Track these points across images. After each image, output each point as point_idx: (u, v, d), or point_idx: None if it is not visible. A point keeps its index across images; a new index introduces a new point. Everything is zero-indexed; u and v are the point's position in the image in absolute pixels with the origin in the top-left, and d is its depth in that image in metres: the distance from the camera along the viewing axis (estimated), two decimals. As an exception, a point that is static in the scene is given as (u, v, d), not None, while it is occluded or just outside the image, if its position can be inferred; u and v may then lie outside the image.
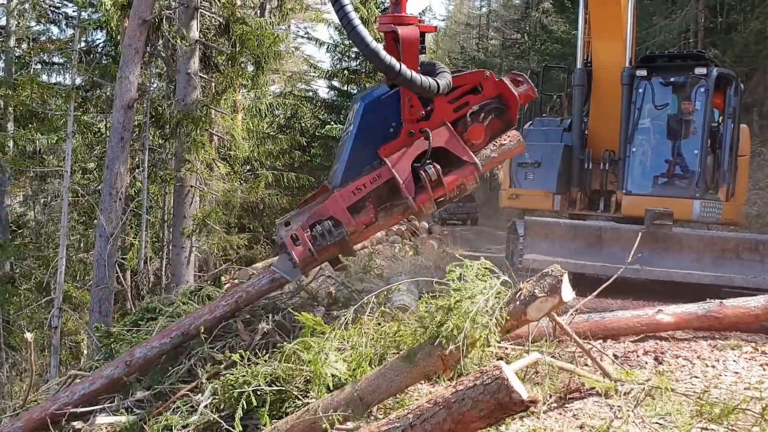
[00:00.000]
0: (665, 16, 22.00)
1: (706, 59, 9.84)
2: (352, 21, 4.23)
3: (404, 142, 4.78)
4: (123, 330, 6.11)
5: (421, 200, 4.80)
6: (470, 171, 4.82)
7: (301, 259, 4.82)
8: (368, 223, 4.92)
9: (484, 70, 4.96)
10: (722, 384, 4.39)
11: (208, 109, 14.27)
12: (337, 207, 4.82)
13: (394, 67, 4.30)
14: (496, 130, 5.05)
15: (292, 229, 4.86)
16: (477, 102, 4.88)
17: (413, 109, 4.75)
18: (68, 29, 20.67)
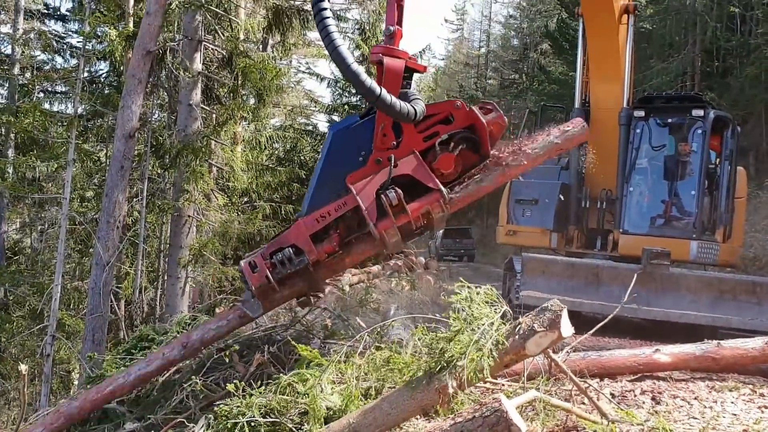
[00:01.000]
0: (663, 60, 22.33)
1: (704, 101, 9.95)
2: (334, 41, 4.28)
3: (372, 170, 4.71)
4: (116, 358, 6.06)
5: (383, 226, 4.61)
6: (435, 198, 4.65)
7: (257, 287, 4.71)
8: (331, 251, 4.81)
9: (456, 100, 4.90)
10: (720, 425, 4.35)
11: (208, 140, 14.35)
12: (299, 234, 4.75)
13: (375, 90, 4.33)
14: (469, 162, 4.93)
15: (252, 257, 4.80)
16: (447, 131, 4.80)
17: (386, 138, 4.70)
18: (72, 59, 20.90)
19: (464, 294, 4.00)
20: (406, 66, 4.70)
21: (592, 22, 10.01)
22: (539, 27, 41.03)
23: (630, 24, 9.91)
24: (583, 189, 10.28)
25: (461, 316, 3.87)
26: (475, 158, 4.91)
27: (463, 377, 3.61)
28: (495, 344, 3.71)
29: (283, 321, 6.73)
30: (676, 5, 22.28)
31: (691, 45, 22.32)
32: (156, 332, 6.48)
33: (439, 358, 3.72)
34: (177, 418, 4.58)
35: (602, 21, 9.76)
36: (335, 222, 4.81)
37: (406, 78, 4.76)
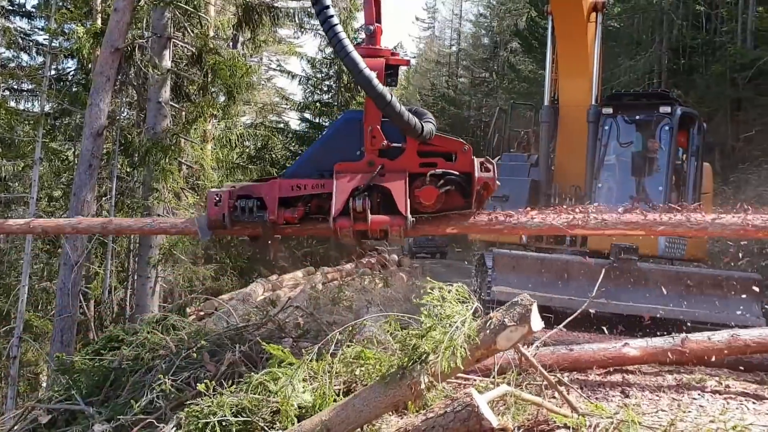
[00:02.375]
0: (630, 57, 22.61)
1: (671, 98, 10.08)
2: (346, 47, 4.29)
3: (362, 168, 4.75)
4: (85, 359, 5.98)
5: (340, 223, 4.65)
6: (398, 223, 4.66)
7: (212, 220, 4.84)
8: (290, 220, 4.85)
9: (464, 143, 4.88)
10: (688, 417, 4.42)
11: (177, 138, 14.21)
12: (271, 192, 4.83)
13: (385, 96, 4.35)
14: (453, 205, 4.91)
15: (221, 191, 4.89)
16: (444, 168, 4.80)
17: (375, 139, 4.72)
18: (39, 56, 20.52)
19: (436, 293, 4.01)
20: (389, 63, 4.73)
21: (561, 20, 10.09)
22: (509, 25, 41.32)
23: (598, 22, 10.00)
24: (553, 185, 10.37)
25: (433, 313, 3.88)
26: (459, 204, 4.90)
27: (435, 372, 3.63)
28: (467, 339, 3.73)
29: (254, 320, 6.69)
30: (643, 4, 22.58)
31: (658, 43, 22.63)
32: (126, 332, 6.40)
33: (411, 354, 3.73)
34: (147, 418, 4.53)
35: (571, 19, 9.84)
36: (309, 197, 4.86)
37: (390, 74, 4.80)
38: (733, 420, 4.14)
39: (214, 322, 10.01)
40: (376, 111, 4.69)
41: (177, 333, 6.02)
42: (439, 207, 4.87)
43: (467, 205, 4.87)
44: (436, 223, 4.98)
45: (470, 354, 3.72)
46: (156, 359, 5.41)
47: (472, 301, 4.06)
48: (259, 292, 15.52)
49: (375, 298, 12.69)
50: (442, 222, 4.99)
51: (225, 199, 4.82)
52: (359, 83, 4.42)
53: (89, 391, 5.47)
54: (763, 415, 4.55)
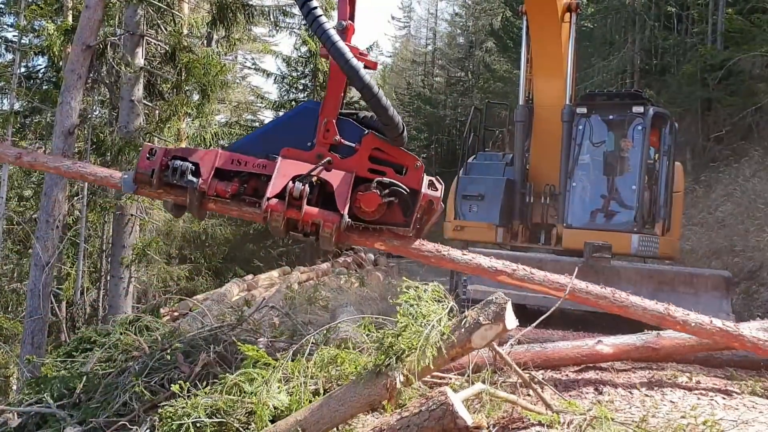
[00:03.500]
0: (603, 58, 22.84)
1: (644, 98, 10.20)
2: (331, 37, 4.25)
3: (309, 158, 4.64)
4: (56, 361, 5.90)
5: (272, 206, 4.48)
6: (333, 219, 4.51)
7: (139, 172, 4.68)
8: (221, 194, 4.67)
9: (418, 159, 4.75)
10: (659, 413, 4.48)
11: (151, 136, 14.07)
12: (208, 159, 4.68)
13: (372, 88, 4.32)
14: (392, 219, 4.75)
15: (159, 147, 4.75)
16: (392, 179, 4.65)
17: (328, 133, 4.64)
18: (7, 54, 20.19)
19: (412, 292, 4.02)
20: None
21: (536, 20, 10.15)
22: (484, 25, 41.45)
23: (572, 22, 10.08)
24: (527, 184, 10.44)
25: (409, 312, 3.89)
26: (399, 220, 4.74)
27: (410, 371, 3.63)
28: (442, 338, 3.75)
29: (229, 321, 6.65)
30: (616, 4, 22.83)
31: (631, 43, 22.88)
32: (98, 334, 6.33)
33: (387, 353, 3.73)
34: (120, 420, 4.48)
35: (545, 19, 9.90)
36: (248, 175, 4.72)
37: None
38: (704, 415, 4.20)
39: (189, 322, 9.93)
40: (335, 105, 4.65)
41: (151, 334, 5.96)
42: (378, 218, 4.71)
43: (406, 224, 4.71)
44: (367, 234, 4.80)
45: (446, 352, 3.74)
46: (129, 361, 5.35)
47: (448, 300, 4.08)
48: (234, 292, 15.43)
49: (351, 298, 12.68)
50: (374, 235, 4.81)
51: (159, 155, 4.68)
52: (345, 73, 4.35)
53: (60, 393, 5.39)
54: (733, 409, 4.63)
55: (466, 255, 5.00)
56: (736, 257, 13.08)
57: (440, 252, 4.91)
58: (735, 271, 11.65)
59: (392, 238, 4.83)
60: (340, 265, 20.82)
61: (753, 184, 15.61)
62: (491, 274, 4.95)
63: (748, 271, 12.36)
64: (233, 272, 21.80)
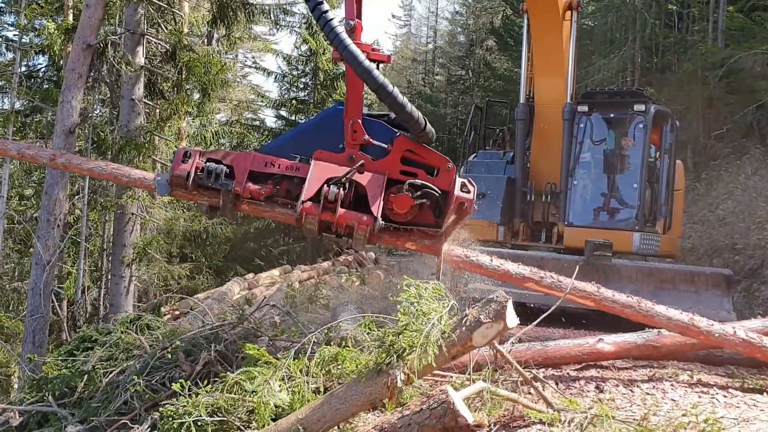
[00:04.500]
0: (604, 56, 22.81)
1: (644, 97, 10.18)
2: (344, 41, 4.29)
3: (341, 160, 4.69)
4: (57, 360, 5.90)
5: (307, 209, 4.56)
6: (367, 222, 4.56)
7: (174, 176, 4.73)
8: (255, 196, 4.73)
9: (449, 161, 4.79)
10: (660, 411, 4.49)
11: (151, 135, 14.07)
12: (243, 163, 4.75)
13: (387, 87, 4.34)
14: (422, 220, 4.79)
15: (193, 149, 4.81)
16: (424, 180, 4.69)
17: (356, 134, 4.68)
18: (8, 53, 20.19)
19: (413, 291, 4.02)
20: (370, 59, 4.62)
21: (537, 18, 10.14)
22: (485, 24, 41.41)
23: (573, 20, 10.06)
24: (528, 183, 10.43)
25: (410, 311, 3.89)
26: (430, 221, 4.78)
27: (411, 369, 3.63)
28: (443, 336, 3.75)
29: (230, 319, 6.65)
30: (617, 2, 22.78)
31: (631, 41, 22.85)
32: (99, 333, 6.32)
33: (388, 351, 3.73)
34: (121, 419, 4.48)
35: (546, 17, 9.89)
36: (280, 177, 4.77)
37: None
38: (705, 413, 4.20)
39: (190, 321, 9.93)
40: (358, 105, 4.67)
41: (152, 333, 5.96)
42: (409, 219, 4.75)
43: (437, 225, 4.75)
44: (398, 234, 4.87)
45: (446, 351, 3.74)
46: (130, 359, 5.35)
47: (449, 298, 4.08)
48: (235, 290, 15.42)
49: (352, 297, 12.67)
50: (404, 235, 4.87)
51: (194, 157, 4.73)
52: (359, 75, 4.37)
53: (62, 392, 5.39)
54: (734, 407, 4.63)
55: (494, 261, 5.06)
56: (737, 255, 13.07)
57: (468, 257, 5.01)
58: (736, 269, 11.65)
59: (423, 239, 4.87)
60: (340, 263, 20.81)
61: (754, 181, 15.60)
62: (518, 280, 5.01)
63: (749, 269, 12.36)
64: (234, 271, 21.79)
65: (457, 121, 37.83)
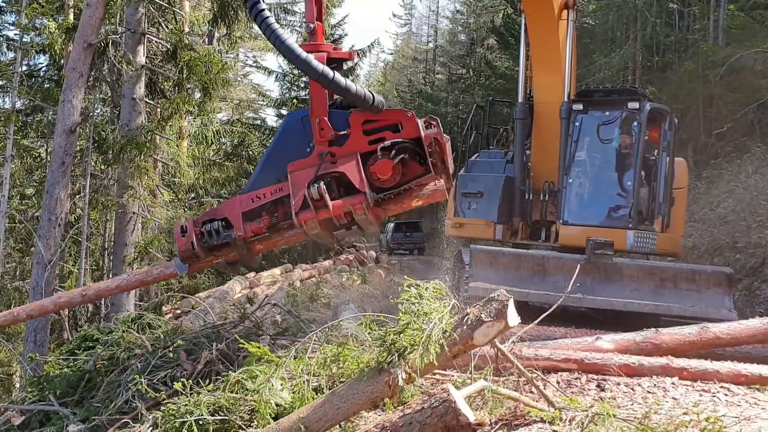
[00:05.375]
0: (605, 55, 22.81)
1: (639, 94, 10.14)
2: (280, 36, 4.41)
3: (314, 162, 4.78)
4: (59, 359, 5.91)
5: (303, 217, 4.70)
6: (359, 201, 4.69)
7: (182, 250, 4.92)
8: (258, 232, 4.92)
9: (407, 110, 4.92)
10: (662, 409, 4.48)
11: (152, 134, 14.06)
12: (233, 210, 4.91)
13: (327, 74, 4.43)
14: (414, 174, 4.90)
15: (185, 222, 5.02)
16: (393, 138, 4.79)
17: (323, 131, 4.78)
18: (9, 52, 20.19)
19: (413, 290, 4.03)
20: (332, 57, 4.83)
21: (533, 18, 10.16)
22: (485, 22, 41.39)
23: (570, 19, 10.04)
24: (527, 181, 10.44)
25: (411, 310, 3.89)
26: (420, 171, 4.89)
27: (412, 368, 3.64)
28: (444, 335, 3.75)
29: (232, 318, 6.67)
30: (618, 1, 22.77)
31: (632, 40, 22.85)
32: (101, 332, 6.33)
33: (389, 350, 3.73)
34: (123, 418, 4.49)
35: (542, 16, 9.90)
36: (273, 205, 4.90)
37: (334, 68, 4.83)
38: (706, 411, 4.20)
39: (191, 320, 9.96)
40: (322, 103, 4.79)
41: (153, 332, 5.97)
42: (401, 179, 4.87)
43: (427, 171, 4.87)
44: (399, 198, 4.98)
45: (448, 349, 3.74)
46: (132, 358, 5.36)
47: (450, 297, 4.08)
48: (236, 289, 15.46)
49: (353, 295, 12.69)
50: (407, 196, 4.99)
51: (190, 228, 4.93)
52: (299, 67, 4.52)
53: (63, 391, 5.40)
54: (735, 406, 4.63)
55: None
56: (738, 254, 13.07)
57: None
58: (737, 268, 11.66)
59: (423, 190, 4.98)
60: (341, 262, 20.85)
61: (755, 180, 15.58)
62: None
63: (750, 268, 12.36)
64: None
65: (458, 120, 37.82)
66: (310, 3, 4.89)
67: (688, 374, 5.17)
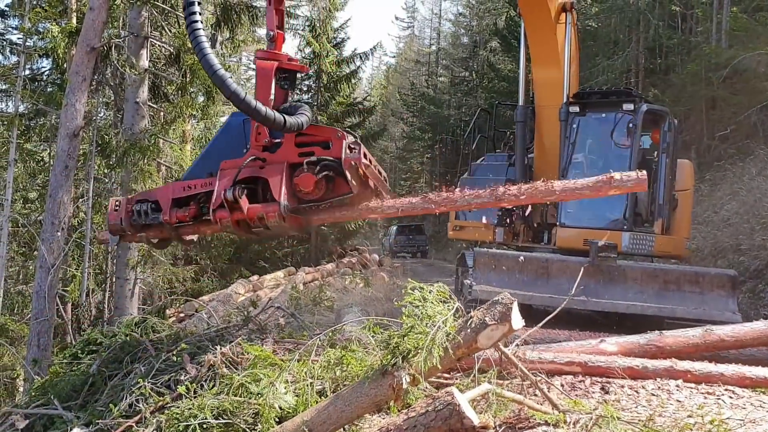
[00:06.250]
0: (608, 57, 22.81)
1: (634, 95, 10.09)
2: (203, 50, 4.55)
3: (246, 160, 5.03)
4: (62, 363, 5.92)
5: (219, 215, 4.93)
6: (273, 209, 4.89)
7: (110, 224, 5.25)
8: (182, 219, 5.17)
9: (338, 130, 5.08)
10: (666, 412, 4.47)
11: (156, 138, 14.07)
12: (165, 194, 5.22)
13: (239, 94, 4.56)
14: (338, 189, 5.07)
15: (122, 199, 5.33)
16: (321, 155, 4.98)
17: (260, 136, 5.02)
18: (12, 56, 20.25)
19: (417, 293, 4.02)
20: (283, 67, 5.10)
21: (530, 21, 10.18)
22: (488, 25, 41.47)
23: (568, 22, 10.02)
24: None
25: (414, 313, 3.89)
26: (346, 189, 5.06)
27: (416, 372, 3.63)
28: (448, 338, 3.74)
29: (235, 321, 6.66)
30: (620, 4, 22.79)
31: (635, 43, 22.86)
32: (104, 335, 6.34)
33: (393, 353, 3.73)
34: (127, 422, 4.49)
35: (539, 20, 9.90)
36: (204, 198, 5.13)
37: (286, 78, 5.19)
38: (711, 414, 4.19)
39: (195, 323, 9.95)
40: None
41: (157, 335, 5.97)
42: (326, 195, 5.07)
43: (351, 191, 5.06)
44: (324, 211, 5.21)
45: (452, 352, 3.73)
46: (135, 362, 5.36)
47: (453, 300, 4.08)
48: (239, 292, 15.46)
49: (356, 299, 12.68)
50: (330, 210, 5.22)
51: (123, 204, 5.23)
52: (214, 83, 4.67)
53: (67, 395, 5.41)
54: (740, 408, 4.61)
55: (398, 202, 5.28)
56: (742, 256, 13.03)
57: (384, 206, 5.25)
58: (741, 270, 11.61)
59: (348, 208, 5.22)
60: (344, 265, 20.84)
61: (758, 182, 15.55)
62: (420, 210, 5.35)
63: (754, 270, 12.32)
64: (239, 273, 21.82)
65: (461, 123, 37.86)
66: (271, 12, 5.13)
67: (693, 377, 5.14)
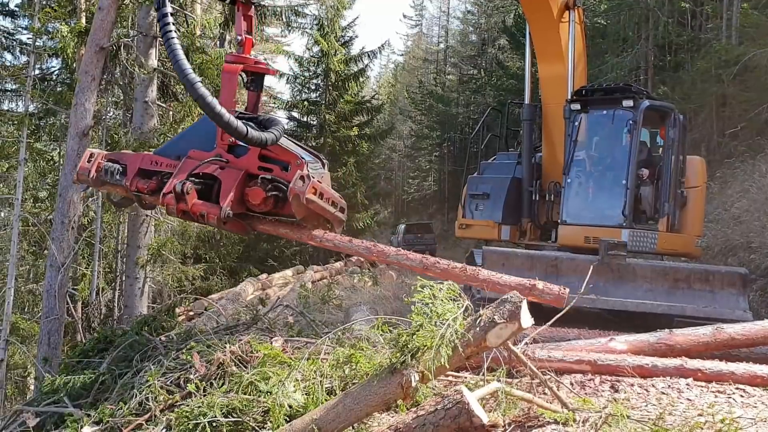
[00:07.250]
0: (617, 54, 22.69)
1: (635, 92, 9.99)
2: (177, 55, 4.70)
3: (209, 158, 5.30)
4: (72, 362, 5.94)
5: (166, 200, 5.19)
6: (214, 212, 5.14)
7: (78, 172, 5.55)
8: (141, 190, 5.45)
9: (298, 158, 5.24)
10: (676, 411, 4.45)
11: (165, 137, 14.11)
12: (134, 161, 5.51)
13: (205, 98, 4.68)
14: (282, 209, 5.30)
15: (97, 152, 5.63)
16: (276, 175, 5.21)
17: (225, 135, 5.22)
18: (22, 56, 20.35)
19: (426, 291, 4.02)
20: (249, 70, 5.36)
21: (533, 20, 10.15)
22: (496, 23, 41.32)
23: (572, 20, 9.95)
24: (534, 182, 10.39)
25: (424, 311, 3.88)
26: (290, 211, 5.27)
27: (425, 370, 3.63)
28: (457, 336, 3.74)
29: (244, 320, 6.68)
30: (629, 1, 22.67)
31: (644, 40, 22.72)
32: (114, 334, 6.37)
33: (402, 351, 3.73)
34: (137, 420, 4.51)
35: (541, 19, 9.87)
36: (168, 174, 5.36)
37: (253, 80, 5.45)
38: (722, 413, 4.17)
39: (204, 322, 9.99)
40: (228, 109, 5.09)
41: (166, 333, 6.00)
42: (272, 210, 5.32)
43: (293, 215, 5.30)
44: (271, 224, 5.53)
45: (461, 351, 3.73)
46: (145, 360, 5.39)
47: (463, 298, 4.07)
48: (248, 291, 15.50)
49: (364, 297, 12.69)
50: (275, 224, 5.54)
51: (96, 158, 5.50)
52: (185, 88, 4.95)
53: (77, 393, 5.43)
54: (751, 407, 4.59)
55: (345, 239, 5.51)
56: (753, 254, 12.94)
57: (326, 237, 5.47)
58: (752, 268, 11.52)
59: (292, 228, 5.48)
60: (353, 264, 20.86)
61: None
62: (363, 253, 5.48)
63: (765, 268, 12.23)
64: (248, 271, 21.90)
65: (469, 121, 37.81)
66: (239, 18, 5.32)
67: (703, 375, 5.11)
